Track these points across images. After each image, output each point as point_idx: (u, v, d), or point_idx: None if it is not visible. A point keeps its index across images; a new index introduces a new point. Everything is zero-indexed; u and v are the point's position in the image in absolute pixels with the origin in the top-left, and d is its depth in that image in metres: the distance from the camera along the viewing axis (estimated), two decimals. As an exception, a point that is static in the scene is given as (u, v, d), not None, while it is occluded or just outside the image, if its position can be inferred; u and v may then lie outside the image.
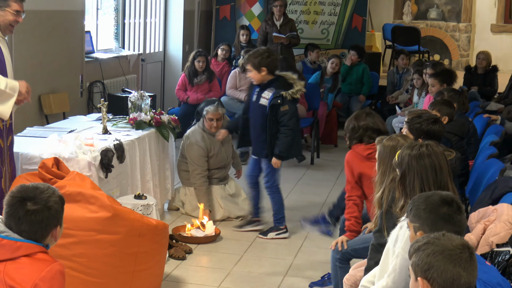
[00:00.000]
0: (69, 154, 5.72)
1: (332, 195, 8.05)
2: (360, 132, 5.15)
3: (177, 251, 6.07)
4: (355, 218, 5.07)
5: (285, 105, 6.31)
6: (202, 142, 7.08)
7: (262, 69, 6.35)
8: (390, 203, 4.09)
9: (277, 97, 6.30)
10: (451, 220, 3.04)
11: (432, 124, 4.97)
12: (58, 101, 8.50)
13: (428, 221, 3.05)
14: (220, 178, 7.29)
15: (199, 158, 7.05)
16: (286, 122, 6.33)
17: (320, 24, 12.61)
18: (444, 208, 3.06)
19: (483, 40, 16.19)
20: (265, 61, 6.34)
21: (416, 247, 2.68)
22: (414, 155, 3.70)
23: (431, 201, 3.09)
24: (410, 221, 3.15)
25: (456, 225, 3.04)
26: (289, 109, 6.33)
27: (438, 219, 3.04)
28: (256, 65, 6.34)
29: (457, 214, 3.06)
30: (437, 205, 3.07)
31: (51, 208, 3.13)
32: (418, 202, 3.11)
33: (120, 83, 10.01)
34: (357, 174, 5.06)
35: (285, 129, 6.36)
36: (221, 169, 7.29)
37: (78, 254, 4.80)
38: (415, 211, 3.10)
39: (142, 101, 7.20)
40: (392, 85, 11.47)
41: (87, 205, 4.85)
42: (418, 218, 3.09)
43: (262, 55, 6.34)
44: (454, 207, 3.07)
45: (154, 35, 11.74)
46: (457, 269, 2.58)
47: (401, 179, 3.73)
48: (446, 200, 3.08)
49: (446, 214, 3.05)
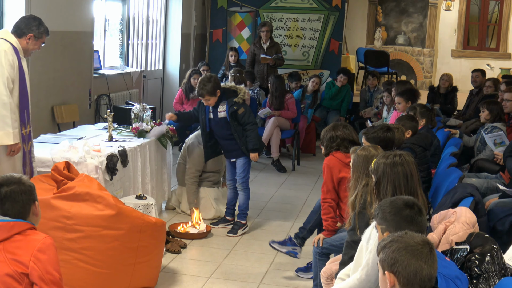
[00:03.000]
0: (79, 158, 5.71)
1: (311, 198, 8.06)
2: (338, 141, 5.14)
3: (173, 246, 6.06)
4: (331, 218, 5.06)
5: (241, 108, 6.46)
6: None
7: (217, 92, 6.42)
8: (362, 205, 4.11)
9: (233, 105, 6.43)
10: (413, 221, 3.05)
11: (386, 132, 4.99)
12: (69, 111, 8.47)
13: (393, 223, 3.06)
14: (214, 181, 7.29)
15: (197, 158, 7.04)
16: (247, 119, 6.48)
17: (302, 47, 12.65)
18: (406, 210, 3.07)
19: (444, 63, 16.28)
20: (216, 85, 6.40)
21: (382, 245, 2.70)
22: (388, 163, 3.72)
23: (395, 205, 3.10)
24: (377, 223, 3.16)
25: (418, 225, 3.05)
26: (245, 110, 6.49)
27: (402, 221, 3.05)
28: (212, 92, 6.40)
29: (418, 216, 3.08)
30: (401, 208, 3.08)
31: (24, 183, 3.23)
32: (384, 207, 3.12)
33: (124, 97, 9.99)
34: (337, 178, 5.04)
35: (250, 125, 6.49)
36: (216, 174, 7.28)
37: (86, 247, 4.79)
38: (382, 214, 3.12)
39: (143, 112, 7.19)
40: (365, 102, 11.51)
41: (94, 204, 4.84)
42: (385, 220, 3.10)
43: (210, 82, 6.38)
44: (415, 209, 3.09)
45: (155, 54, 11.73)
46: (419, 263, 2.59)
47: (376, 184, 3.74)
48: (408, 204, 3.10)
49: (409, 216, 3.06)
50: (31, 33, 5.36)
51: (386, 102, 9.56)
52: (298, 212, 7.45)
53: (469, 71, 11.85)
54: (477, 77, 10.71)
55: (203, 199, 7.13)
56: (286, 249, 5.77)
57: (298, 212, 7.45)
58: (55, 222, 4.80)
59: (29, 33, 5.36)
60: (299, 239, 5.77)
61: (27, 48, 5.41)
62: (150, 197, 5.94)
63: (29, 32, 5.36)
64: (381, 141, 4.84)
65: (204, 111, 6.61)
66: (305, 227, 5.71)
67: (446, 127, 8.92)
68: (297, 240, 5.77)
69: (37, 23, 5.39)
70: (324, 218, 5.09)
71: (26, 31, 5.35)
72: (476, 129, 8.82)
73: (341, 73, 11.37)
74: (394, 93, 8.93)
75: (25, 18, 5.46)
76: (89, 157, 5.77)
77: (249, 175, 6.76)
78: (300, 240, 5.77)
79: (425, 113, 6.79)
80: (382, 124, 5.23)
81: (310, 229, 5.68)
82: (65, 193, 4.87)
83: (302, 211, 7.46)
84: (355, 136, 5.21)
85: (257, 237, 6.60)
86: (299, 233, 5.77)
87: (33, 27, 5.36)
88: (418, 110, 6.78)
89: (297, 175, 9.43)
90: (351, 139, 5.16)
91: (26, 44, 5.38)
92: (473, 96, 10.70)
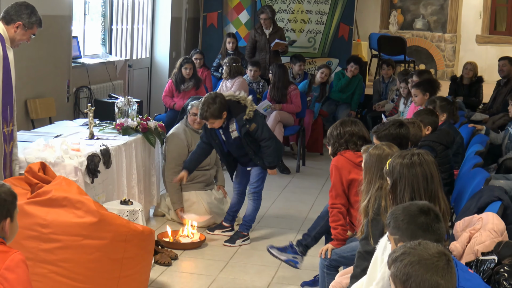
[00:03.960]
0: (56, 159, 5.71)
1: (317, 203, 8.06)
2: (346, 137, 5.14)
3: (163, 257, 6.06)
4: (341, 226, 5.05)
5: (252, 124, 6.44)
6: (183, 134, 7.10)
7: (223, 114, 6.39)
8: (376, 211, 4.11)
9: (244, 125, 6.41)
10: (429, 229, 3.05)
11: (398, 127, 4.98)
12: (45, 106, 8.47)
13: (407, 232, 3.06)
14: (205, 182, 7.26)
15: (177, 151, 7.04)
16: (261, 135, 6.46)
17: (307, 33, 12.64)
18: (421, 217, 3.07)
19: (468, 51, 16.28)
20: (221, 106, 6.35)
21: (393, 257, 2.69)
22: (405, 163, 3.72)
23: (409, 212, 3.10)
24: (390, 233, 3.16)
25: (435, 233, 3.05)
26: (257, 125, 6.46)
27: (417, 229, 3.05)
28: (217, 115, 6.36)
29: (435, 222, 3.08)
30: (415, 215, 3.08)
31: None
32: (396, 214, 3.12)
33: (106, 89, 9.99)
34: (347, 181, 5.04)
35: (264, 142, 6.49)
36: (205, 172, 7.26)
37: (64, 259, 4.78)
38: (394, 223, 3.11)
39: (128, 107, 7.19)
40: (378, 94, 11.51)
41: (73, 210, 4.84)
42: (398, 229, 3.10)
43: (215, 103, 6.32)
44: (431, 215, 3.09)
45: (141, 41, 11.73)
46: (434, 278, 2.59)
47: (392, 187, 3.74)
48: (423, 210, 3.10)
49: (424, 223, 3.06)
50: (20, 21, 5.38)
51: (403, 94, 9.57)
52: (304, 219, 7.45)
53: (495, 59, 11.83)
54: (504, 65, 10.70)
55: (195, 204, 7.13)
56: (286, 257, 5.75)
57: (304, 219, 7.45)
58: (29, 231, 4.79)
59: (18, 21, 5.38)
60: (301, 246, 5.73)
61: (14, 37, 5.42)
62: (136, 203, 5.94)
63: (18, 19, 5.38)
64: (394, 138, 4.83)
65: (215, 135, 6.61)
66: (309, 233, 5.70)
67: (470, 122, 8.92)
68: (299, 248, 5.73)
69: (29, 11, 5.41)
70: (332, 226, 5.09)
71: (15, 18, 5.38)
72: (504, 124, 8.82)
73: (351, 62, 11.37)
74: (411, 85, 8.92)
75: (17, 4, 5.47)
76: (68, 157, 5.76)
77: (263, 186, 6.79)
78: (303, 248, 5.72)
79: (445, 106, 6.80)
80: (394, 119, 5.23)
81: (315, 237, 5.67)
82: (40, 198, 4.87)
83: (308, 218, 7.46)
84: (365, 133, 5.21)
85: (257, 247, 6.60)
86: (302, 240, 5.74)
87: (24, 15, 5.39)
88: (437, 103, 6.78)
89: (302, 177, 9.43)
90: (361, 135, 5.16)
91: (13, 32, 5.40)
92: (501, 87, 10.70)
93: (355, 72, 11.34)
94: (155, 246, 5.68)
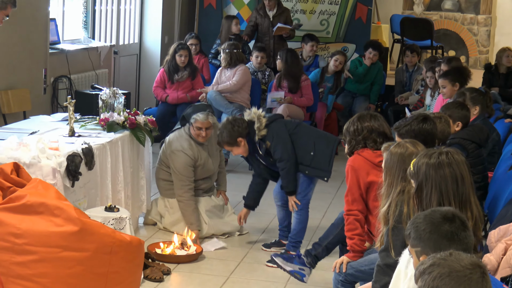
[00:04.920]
0: (31, 159, 5.71)
1: (331, 210, 8.06)
2: (365, 134, 5.14)
3: (154, 272, 6.06)
4: (358, 236, 5.05)
5: (266, 141, 6.52)
6: (189, 150, 7.05)
7: (238, 140, 6.50)
8: (397, 219, 4.11)
9: (260, 147, 6.55)
10: (455, 238, 3.06)
11: (421, 122, 4.98)
12: (18, 98, 8.48)
13: (430, 242, 3.07)
14: (205, 189, 7.29)
15: (186, 168, 7.03)
16: (275, 154, 6.52)
17: (319, 14, 12.65)
18: (445, 225, 3.07)
19: (504, 34, 16.26)
20: (234, 133, 6.48)
21: (421, 270, 2.69)
22: (432, 164, 3.72)
23: (431, 220, 3.11)
24: (410, 245, 3.16)
25: (462, 243, 3.05)
26: (271, 143, 6.52)
27: (441, 239, 3.05)
28: (231, 142, 6.53)
29: (461, 231, 3.08)
30: (438, 223, 3.08)
31: None
32: (417, 223, 3.13)
33: (89, 79, 10.00)
34: (365, 183, 5.04)
35: (278, 163, 6.54)
36: (207, 180, 7.29)
37: (40, 273, 4.79)
38: (415, 233, 3.12)
39: (114, 99, 7.19)
40: (401, 85, 11.52)
41: (51, 218, 4.85)
42: (419, 240, 3.10)
43: (226, 129, 6.49)
44: (457, 223, 3.09)
45: (129, 24, 11.74)
46: None
47: (417, 191, 3.74)
48: (447, 217, 3.10)
49: (449, 232, 3.07)
50: None
51: (429, 85, 9.57)
52: (315, 228, 7.45)
53: (536, 44, 11.82)
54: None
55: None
56: (291, 268, 5.75)
57: (315, 228, 7.45)
58: (0, 241, 4.81)
59: None
60: (310, 257, 5.73)
61: None
62: (123, 209, 5.95)
63: None
64: (417, 135, 4.84)
65: (254, 158, 6.74)
66: (321, 243, 5.70)
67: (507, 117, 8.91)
68: (307, 259, 5.73)
69: None
70: (348, 235, 5.09)
71: None
72: (546, 119, 8.80)
73: (369, 47, 11.38)
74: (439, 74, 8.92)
75: None
76: (44, 157, 5.77)
77: (310, 196, 6.74)
78: (312, 259, 5.72)
79: (477, 98, 6.80)
80: (417, 113, 5.23)
81: (327, 247, 5.67)
82: (13, 204, 4.88)
83: (320, 227, 7.46)
84: (387, 129, 5.21)
85: (261, 260, 6.61)
86: (312, 249, 5.74)
87: None
88: (468, 95, 6.78)
89: (313, 180, 9.43)
90: (382, 131, 5.16)
91: None
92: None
93: (374, 59, 11.34)
94: (144, 259, 5.69)
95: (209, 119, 7.05)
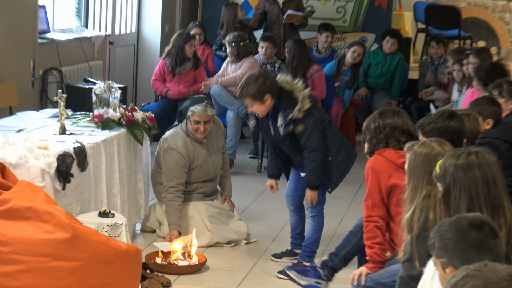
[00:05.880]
0: (17, 159, 5.72)
1: (348, 215, 8.05)
2: (387, 132, 5.13)
3: (152, 284, 6.07)
4: (378, 244, 5.05)
5: (299, 126, 6.30)
6: (183, 148, 7.04)
7: (265, 97, 6.31)
8: (422, 226, 4.11)
9: (287, 125, 6.30)
10: (483, 246, 3.05)
11: (448, 119, 4.98)
12: (3, 92, 8.49)
13: (456, 253, 3.06)
14: (206, 193, 7.27)
15: (176, 167, 7.02)
16: (306, 143, 6.32)
17: (335, 1, 12.65)
18: (473, 233, 3.07)
19: (540, 23, 16.26)
20: (264, 88, 6.31)
21: (452, 283, 2.69)
22: (460, 165, 3.72)
23: (457, 227, 3.11)
24: (435, 256, 3.16)
25: (492, 251, 3.05)
26: (304, 128, 6.29)
27: (468, 248, 3.06)
28: (256, 96, 6.30)
29: (491, 239, 3.08)
30: (465, 231, 3.08)
31: None
32: (442, 231, 3.13)
33: (82, 71, 10.01)
34: (386, 187, 5.04)
35: (308, 152, 6.35)
36: (207, 183, 7.27)
37: (28, 285, 4.80)
38: (440, 243, 3.11)
39: (109, 94, 7.20)
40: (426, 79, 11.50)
41: (40, 224, 4.85)
42: (445, 250, 3.10)
43: (257, 82, 6.30)
44: (485, 230, 3.09)
45: (126, 12, 11.75)
46: None
47: (444, 195, 3.74)
48: (474, 223, 3.10)
49: (478, 240, 3.06)
50: None
51: (457, 78, 9.55)
52: (331, 236, 7.45)
53: None
54: None
55: (192, 219, 7.14)
56: (307, 282, 5.78)
57: (331, 236, 7.45)
58: (-16, 250, 4.82)
59: None
60: (327, 269, 5.75)
61: None
62: (119, 215, 5.95)
63: None
64: (442, 133, 4.84)
65: (267, 126, 6.56)
66: (338, 253, 5.70)
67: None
68: (323, 271, 5.76)
69: None
70: (368, 244, 5.09)
71: None
72: None
73: (387, 36, 11.38)
74: (467, 67, 8.91)
75: None
76: (32, 157, 5.78)
77: (324, 200, 6.67)
78: (328, 272, 5.75)
79: (513, 92, 6.79)
80: (442, 110, 5.22)
81: (345, 257, 5.68)
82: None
83: (336, 235, 7.46)
84: (411, 126, 5.21)
85: (271, 272, 6.61)
86: (328, 261, 5.75)
87: None
88: (505, 87, 6.77)
89: (328, 183, 9.42)
90: (406, 129, 5.15)
91: None
92: None
93: (392, 49, 11.34)
94: (142, 269, 5.69)
95: (208, 111, 7.00)
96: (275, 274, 6.52)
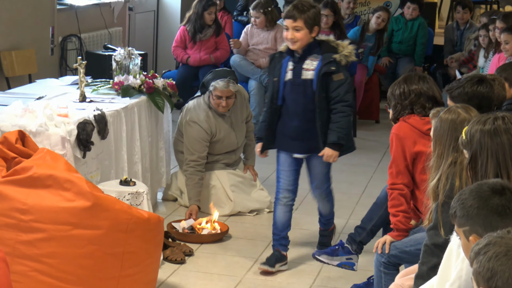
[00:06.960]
0: (38, 127, 5.74)
1: (372, 184, 8.05)
2: (412, 98, 5.10)
3: (174, 253, 6.10)
4: (403, 212, 5.04)
5: (340, 73, 5.86)
6: (205, 122, 7.02)
7: (314, 29, 5.84)
8: (448, 193, 4.10)
9: (330, 63, 5.80)
10: (507, 211, 3.04)
11: (476, 84, 4.94)
12: (23, 60, 8.51)
13: (479, 220, 3.06)
14: (228, 163, 7.28)
15: (197, 141, 7.02)
16: (343, 96, 5.85)
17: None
18: (495, 198, 3.06)
19: None
20: (319, 18, 5.90)
21: (476, 250, 2.68)
22: (487, 130, 3.69)
23: (478, 193, 3.10)
24: (457, 225, 3.16)
25: None
26: (344, 78, 5.87)
27: (491, 214, 3.04)
28: (310, 23, 5.77)
29: None
30: (487, 197, 3.07)
31: None
32: (463, 199, 3.12)
33: (101, 38, 10.02)
34: (411, 154, 5.02)
35: (342, 105, 5.86)
36: (230, 154, 7.28)
37: (48, 253, 4.82)
38: (462, 211, 3.11)
39: (129, 60, 7.21)
40: (451, 44, 11.45)
41: (61, 192, 4.87)
42: (467, 218, 3.09)
43: (315, 9, 5.84)
44: (507, 195, 3.08)
45: (146, -23, 11.74)
46: None
47: (470, 162, 3.72)
48: (495, 189, 3.09)
49: (500, 205, 3.05)
50: None
51: (483, 44, 9.50)
52: (354, 205, 7.46)
53: None
54: None
55: (214, 188, 7.16)
56: (339, 261, 5.83)
57: (354, 205, 7.46)
58: (4, 218, 4.84)
59: None
60: (355, 244, 5.81)
61: None
62: (140, 183, 5.97)
63: None
64: (471, 99, 4.81)
65: (280, 70, 5.94)
66: (364, 226, 5.74)
67: None
68: (352, 246, 5.82)
69: None
70: (392, 212, 5.09)
71: None
72: None
73: (408, 1, 11.30)
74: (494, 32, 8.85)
75: None
76: (53, 125, 5.80)
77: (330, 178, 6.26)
78: (357, 246, 5.82)
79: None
80: (471, 75, 5.19)
81: (371, 230, 5.71)
82: (19, 176, 4.90)
83: (359, 203, 7.46)
84: (437, 92, 5.18)
85: (294, 241, 6.61)
86: (355, 234, 5.79)
87: None
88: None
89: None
90: (431, 95, 5.13)
91: None
92: None
93: (414, 14, 11.28)
94: (164, 238, 5.72)
95: (230, 87, 6.95)
96: (299, 243, 6.53)
